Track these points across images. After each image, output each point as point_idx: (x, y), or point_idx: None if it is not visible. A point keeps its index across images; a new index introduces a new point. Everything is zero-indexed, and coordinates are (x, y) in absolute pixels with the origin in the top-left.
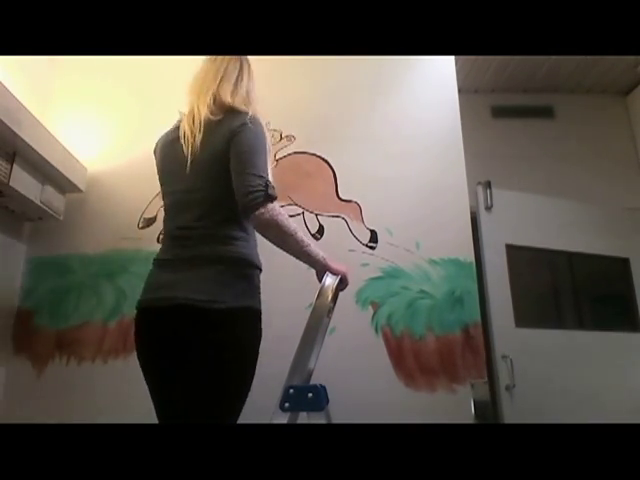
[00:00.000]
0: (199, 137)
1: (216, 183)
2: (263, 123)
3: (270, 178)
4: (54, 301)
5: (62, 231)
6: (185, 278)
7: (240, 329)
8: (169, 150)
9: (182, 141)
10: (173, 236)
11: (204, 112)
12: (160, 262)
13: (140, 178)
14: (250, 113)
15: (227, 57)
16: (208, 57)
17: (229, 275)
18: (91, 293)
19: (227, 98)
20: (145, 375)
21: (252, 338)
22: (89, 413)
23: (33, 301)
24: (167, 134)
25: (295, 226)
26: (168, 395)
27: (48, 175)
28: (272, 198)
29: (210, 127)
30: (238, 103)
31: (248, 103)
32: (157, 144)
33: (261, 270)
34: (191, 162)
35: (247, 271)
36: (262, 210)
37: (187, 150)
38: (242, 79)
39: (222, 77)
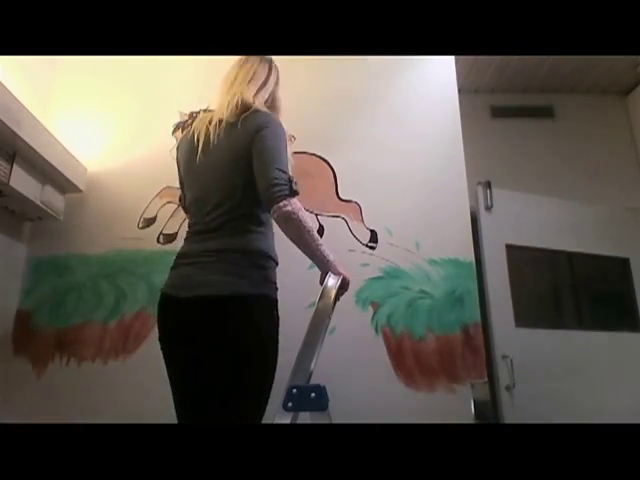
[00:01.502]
0: (214, 136)
1: (235, 179)
2: (284, 127)
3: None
4: (54, 301)
5: (62, 231)
6: (204, 271)
7: (258, 315)
8: (188, 148)
9: (195, 138)
10: (194, 231)
11: (225, 113)
12: (182, 255)
13: (140, 178)
14: (271, 114)
15: (257, 59)
16: (239, 59)
17: (246, 265)
18: (91, 293)
19: (250, 99)
20: (166, 364)
21: (270, 324)
22: (89, 413)
23: (33, 301)
24: (187, 133)
25: (312, 224)
26: (189, 387)
27: (48, 175)
28: (295, 193)
29: (230, 127)
30: (260, 104)
31: (272, 107)
32: (179, 144)
33: (277, 263)
34: (207, 159)
35: (263, 262)
36: (286, 202)
37: (199, 146)
38: (268, 83)
39: (250, 79)
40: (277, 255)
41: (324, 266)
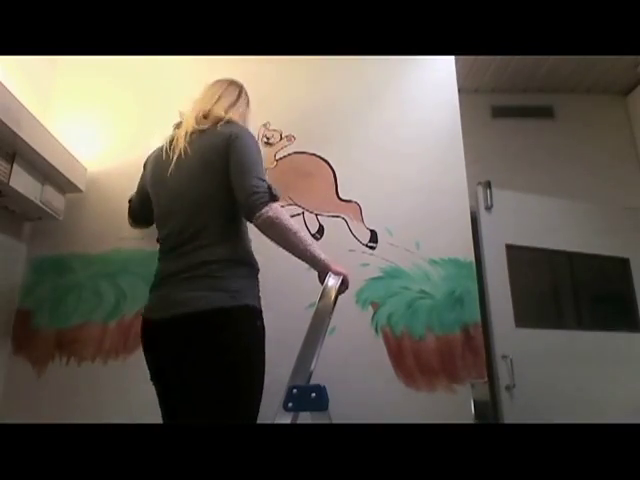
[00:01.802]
0: (185, 145)
1: (207, 187)
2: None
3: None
4: (54, 301)
5: (62, 231)
6: (179, 289)
7: (240, 327)
8: (158, 162)
9: (164, 152)
10: (168, 248)
11: (192, 124)
12: (157, 275)
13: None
14: (242, 125)
15: (226, 82)
16: (209, 83)
17: (223, 276)
18: (91, 293)
19: (221, 112)
20: (154, 385)
21: (253, 335)
22: (89, 413)
23: (33, 301)
24: (158, 149)
25: (298, 226)
26: (174, 404)
27: (48, 175)
28: (276, 198)
29: (200, 136)
30: (233, 116)
31: (242, 122)
32: (148, 159)
33: (258, 269)
34: (178, 171)
35: (242, 271)
36: (267, 208)
37: (172, 158)
38: (238, 103)
39: (219, 97)
40: (256, 261)
41: (317, 265)
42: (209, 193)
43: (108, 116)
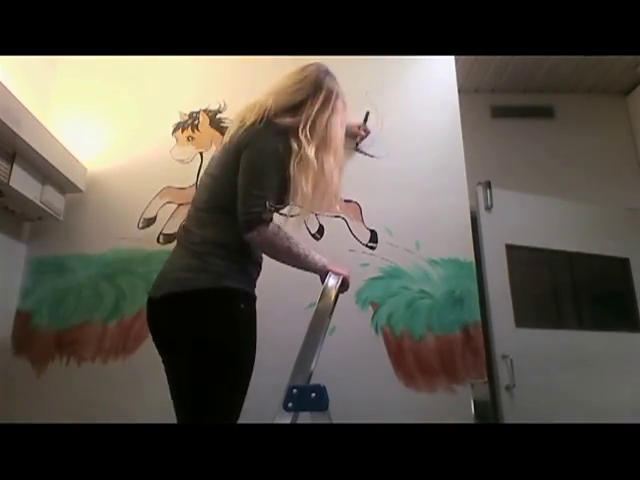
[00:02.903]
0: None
1: (220, 193)
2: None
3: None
4: (54, 301)
5: (62, 231)
6: (172, 267)
7: (211, 310)
8: None
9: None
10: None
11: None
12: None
13: (140, 178)
14: (263, 129)
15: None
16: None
17: (209, 258)
18: (91, 293)
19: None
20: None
21: (229, 318)
22: (89, 413)
23: (33, 301)
24: None
25: (289, 243)
26: (170, 386)
27: (48, 175)
28: (266, 221)
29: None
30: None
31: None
32: None
33: (242, 252)
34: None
35: (227, 253)
36: (254, 233)
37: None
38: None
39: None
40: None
41: (317, 271)
42: (221, 181)
43: (108, 116)
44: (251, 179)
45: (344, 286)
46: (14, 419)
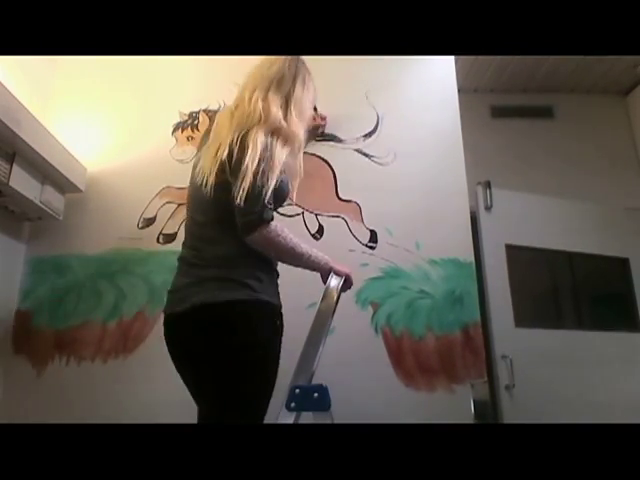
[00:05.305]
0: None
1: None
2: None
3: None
4: (54, 301)
5: (62, 231)
6: (185, 284)
7: (256, 321)
8: None
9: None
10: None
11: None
12: None
13: (140, 178)
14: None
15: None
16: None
17: (222, 270)
18: (91, 293)
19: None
20: None
21: (268, 332)
22: (89, 413)
23: (33, 301)
24: None
25: (292, 243)
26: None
27: (48, 175)
28: (266, 221)
29: None
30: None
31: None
32: None
33: (264, 263)
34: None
35: (239, 264)
36: (256, 234)
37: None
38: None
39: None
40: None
41: (320, 270)
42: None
43: (108, 116)
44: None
45: (347, 284)
46: (14, 419)
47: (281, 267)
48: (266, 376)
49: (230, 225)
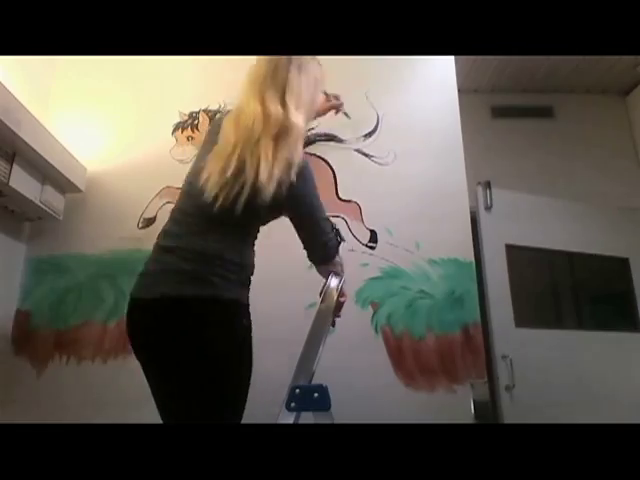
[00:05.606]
0: None
1: None
2: None
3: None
4: (53, 301)
5: (62, 231)
6: (157, 271)
7: (214, 323)
8: None
9: None
10: None
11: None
12: None
13: (140, 178)
14: None
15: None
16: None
17: (195, 265)
18: (90, 293)
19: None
20: None
21: (228, 333)
22: (89, 413)
23: (33, 301)
24: None
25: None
26: (157, 389)
27: (48, 175)
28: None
29: None
30: None
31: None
32: None
33: (242, 264)
34: None
35: (215, 261)
36: (338, 256)
37: None
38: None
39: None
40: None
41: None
42: None
43: (108, 116)
44: (312, 204)
45: (338, 308)
46: (14, 419)
47: (281, 267)
48: (233, 376)
49: (219, 226)
